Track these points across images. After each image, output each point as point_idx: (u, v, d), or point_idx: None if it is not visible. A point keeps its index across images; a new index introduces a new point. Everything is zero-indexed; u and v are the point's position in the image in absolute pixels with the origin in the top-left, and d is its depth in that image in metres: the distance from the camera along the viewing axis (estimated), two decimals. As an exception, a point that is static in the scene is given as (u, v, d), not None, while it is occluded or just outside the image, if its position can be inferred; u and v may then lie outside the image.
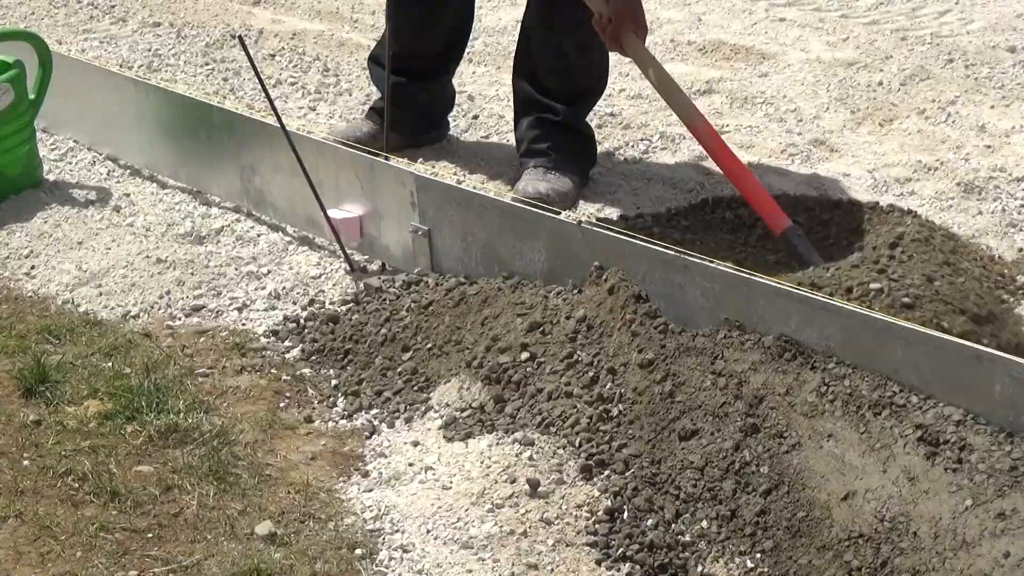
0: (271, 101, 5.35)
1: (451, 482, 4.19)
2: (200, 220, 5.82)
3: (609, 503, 4.05)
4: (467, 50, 6.43)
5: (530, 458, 4.19)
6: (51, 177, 6.26)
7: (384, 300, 4.98)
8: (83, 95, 6.43)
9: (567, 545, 3.94)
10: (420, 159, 5.95)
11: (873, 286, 4.56)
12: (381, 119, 5.95)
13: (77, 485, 4.24)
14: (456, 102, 6.54)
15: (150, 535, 4.04)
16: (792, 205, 5.53)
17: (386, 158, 5.37)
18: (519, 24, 6.01)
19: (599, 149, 6.08)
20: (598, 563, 3.89)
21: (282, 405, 4.67)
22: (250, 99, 6.88)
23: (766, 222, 5.33)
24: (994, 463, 3.90)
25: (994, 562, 3.67)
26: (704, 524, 4.00)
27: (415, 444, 4.40)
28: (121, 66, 7.20)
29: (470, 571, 3.87)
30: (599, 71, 5.91)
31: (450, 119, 6.46)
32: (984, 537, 3.75)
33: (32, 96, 6.15)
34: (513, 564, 3.88)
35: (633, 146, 6.30)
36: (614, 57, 5.76)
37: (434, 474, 4.25)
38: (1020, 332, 4.68)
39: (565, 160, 5.78)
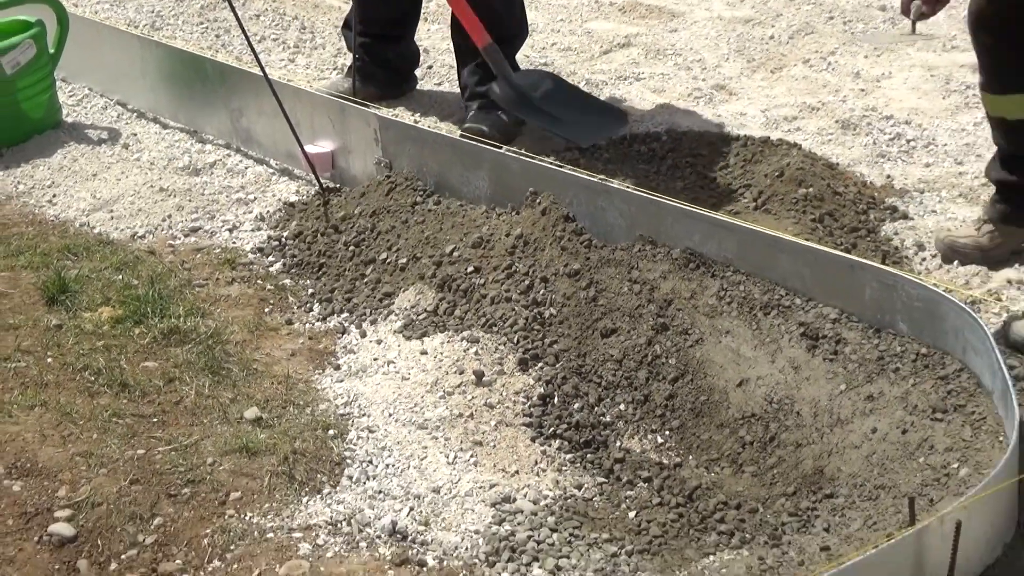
0: (256, 54, 5.32)
1: (409, 374, 4.19)
2: (196, 155, 5.79)
3: (542, 390, 4.05)
4: (422, 10, 6.38)
5: (476, 353, 4.19)
6: (69, 120, 6.21)
7: (351, 222, 4.96)
8: (96, 50, 6.38)
9: (507, 425, 3.95)
10: (384, 103, 5.92)
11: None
12: (357, 75, 6.03)
13: (93, 378, 4.23)
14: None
15: (155, 420, 4.04)
16: (697, 140, 5.53)
17: (357, 103, 5.36)
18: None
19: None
20: (533, 440, 3.90)
21: (266, 310, 4.66)
22: (238, 53, 6.82)
23: (472, 37, 5.46)
24: (864, 354, 3.93)
25: (863, 436, 3.69)
26: (622, 407, 4.01)
27: (379, 342, 4.40)
28: (128, 25, 7.12)
29: (425, 448, 3.87)
30: (520, 18, 5.89)
31: (417, 74, 6.43)
32: (856, 416, 3.77)
33: (51, 51, 6.11)
34: (461, 442, 3.89)
35: (563, 91, 6.28)
36: (546, 14, 5.73)
37: (395, 367, 4.25)
38: (887, 244, 4.69)
39: None
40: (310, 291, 4.77)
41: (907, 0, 4.39)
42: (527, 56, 6.24)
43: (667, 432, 3.94)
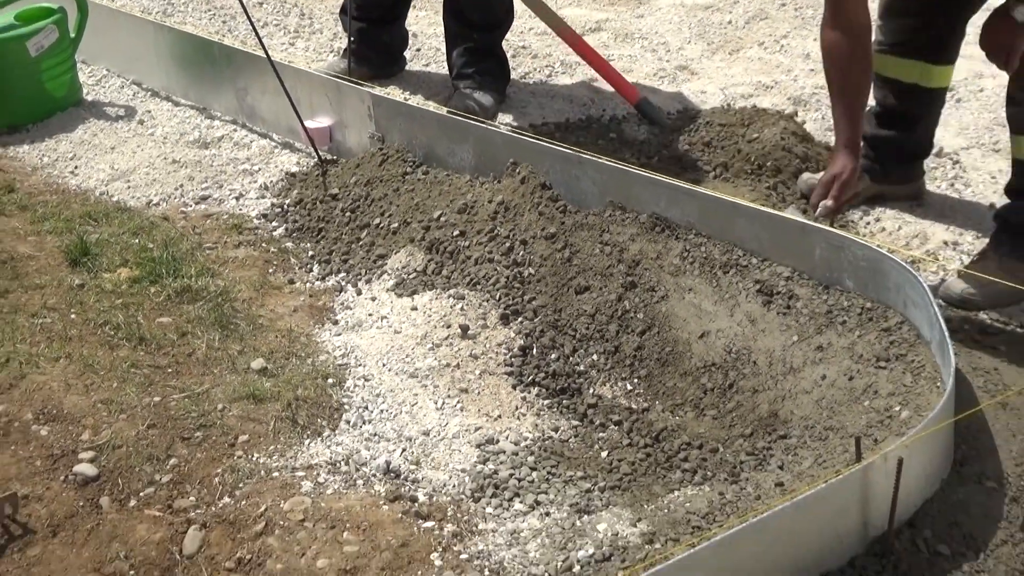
0: (259, 38, 5.30)
1: (401, 328, 4.18)
2: (205, 130, 5.76)
3: (522, 342, 4.05)
4: (412, -2, 6.38)
5: (461, 309, 4.18)
6: (89, 98, 6.18)
7: (348, 190, 4.95)
8: (113, 34, 6.35)
9: (490, 374, 3.95)
10: (376, 82, 5.90)
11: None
12: (353, 56, 6.05)
13: (112, 333, 4.22)
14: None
15: (170, 370, 4.03)
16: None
17: (352, 82, 5.35)
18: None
19: (513, 74, 6.04)
20: (513, 387, 3.90)
21: (270, 271, 4.65)
22: (243, 37, 6.79)
23: (623, 95, 5.41)
24: (814, 308, 3.93)
25: (814, 383, 3.70)
26: (594, 357, 4.01)
27: (373, 299, 4.39)
28: (142, 12, 7.08)
29: (416, 394, 3.87)
30: (508, 5, 5.88)
31: (407, 56, 6.41)
32: (807, 364, 3.78)
33: (72, 35, 6.07)
34: (448, 389, 3.89)
35: (540, 71, 6.26)
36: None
37: (388, 322, 4.24)
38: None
39: (487, 81, 5.77)
40: (310, 253, 4.76)
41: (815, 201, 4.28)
42: (507, 40, 6.22)
43: (636, 380, 3.94)
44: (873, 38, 4.48)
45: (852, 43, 4.14)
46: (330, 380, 3.97)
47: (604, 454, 3.65)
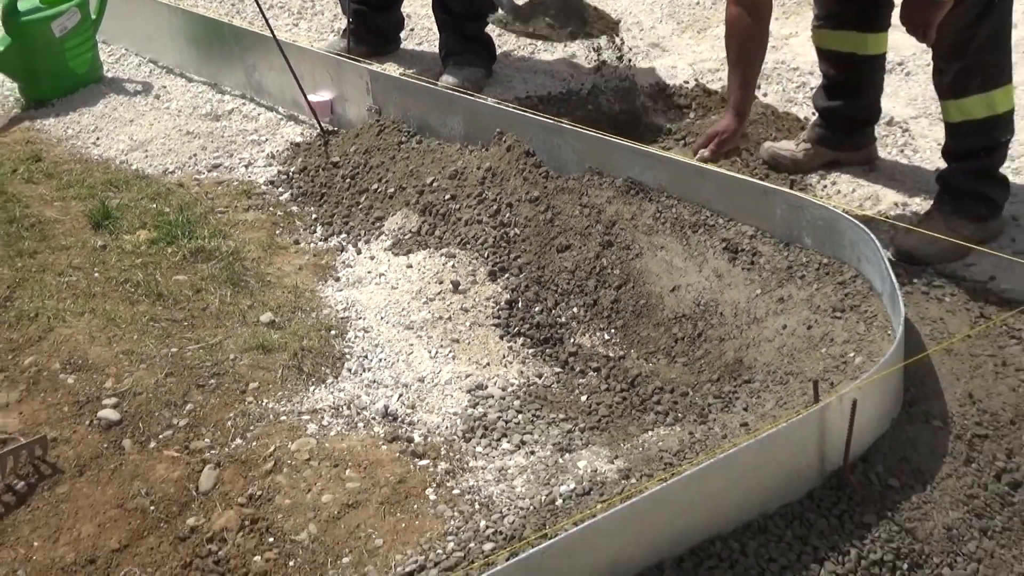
0: (266, 19, 5.30)
1: (397, 284, 4.17)
2: (217, 104, 5.73)
3: (508, 296, 4.03)
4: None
5: (453, 266, 4.17)
6: (109, 75, 6.14)
7: (348, 159, 4.92)
8: (131, 16, 6.31)
9: (479, 326, 3.94)
10: (373, 59, 5.86)
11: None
12: (352, 37, 6.03)
13: (133, 290, 4.21)
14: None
15: (185, 323, 4.02)
16: (631, 90, 5.47)
17: (351, 59, 5.31)
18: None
19: (499, 52, 6.00)
20: (501, 337, 3.89)
21: (277, 232, 4.63)
22: (251, 18, 6.74)
23: None
24: (776, 264, 3.92)
25: (775, 331, 3.70)
26: (575, 310, 4.00)
27: (372, 258, 4.37)
28: (158, -5, 7.05)
29: (411, 344, 3.86)
30: None
31: (401, 36, 6.37)
32: (769, 315, 3.77)
33: (93, 17, 6.04)
34: (441, 339, 3.88)
35: (523, 49, 6.21)
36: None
37: (385, 279, 4.22)
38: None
39: (474, 59, 5.74)
40: (314, 216, 4.73)
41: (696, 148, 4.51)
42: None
43: (612, 330, 3.93)
44: (812, 15, 4.60)
45: (751, 19, 4.23)
46: (333, 332, 3.95)
47: (584, 398, 3.65)
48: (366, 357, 3.83)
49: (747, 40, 4.28)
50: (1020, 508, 3.12)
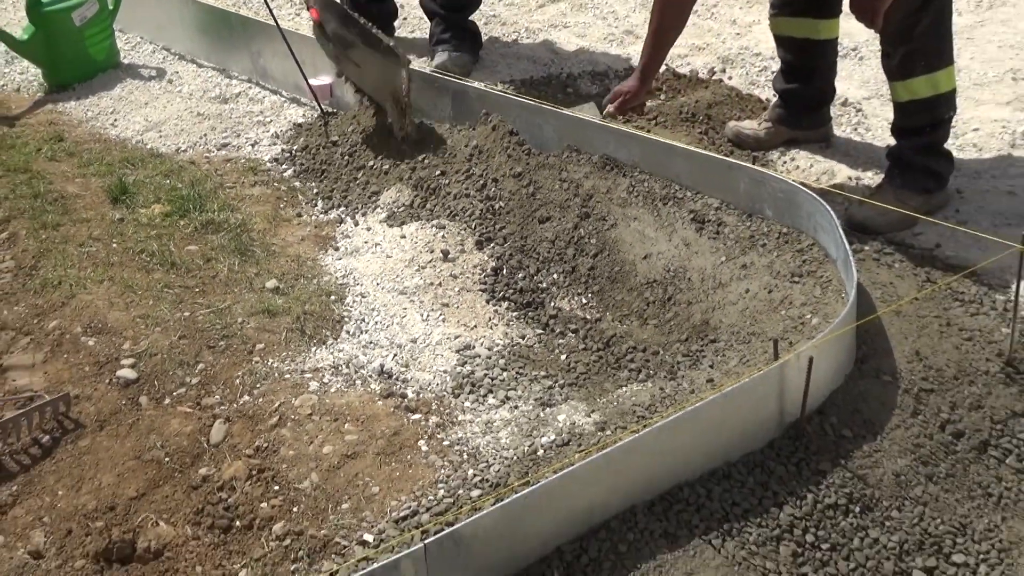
0: (270, 9, 5.27)
1: (392, 253, 4.15)
2: (225, 88, 5.69)
3: (494, 264, 4.02)
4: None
5: (442, 237, 4.15)
6: (126, 61, 6.10)
7: (346, 138, 4.89)
8: (146, 6, 6.26)
9: (467, 291, 3.93)
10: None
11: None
12: None
13: (148, 259, 4.19)
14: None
15: (197, 289, 4.00)
16: (604, 72, 5.44)
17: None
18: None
19: (484, 39, 5.96)
20: (487, 302, 3.88)
21: (281, 206, 4.61)
22: (256, 8, 6.69)
23: None
24: (739, 234, 3.91)
25: (739, 295, 3.69)
26: (555, 276, 3.99)
27: (368, 229, 4.35)
28: (170, -13, 6.99)
29: (405, 308, 3.85)
30: None
31: (395, 25, 6.32)
32: (733, 280, 3.76)
33: (111, 7, 5.99)
34: (432, 303, 3.87)
35: (507, 36, 6.18)
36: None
37: (381, 248, 4.21)
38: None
39: (461, 46, 5.70)
40: (315, 191, 4.71)
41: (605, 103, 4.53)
42: (481, 10, 6.15)
43: (589, 295, 3.92)
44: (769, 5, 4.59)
45: None
46: (332, 297, 3.94)
47: (563, 357, 3.64)
48: (363, 320, 3.82)
49: (666, 11, 4.25)
50: (962, 456, 3.12)
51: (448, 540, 2.64)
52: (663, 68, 5.55)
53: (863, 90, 5.15)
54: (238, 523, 3.07)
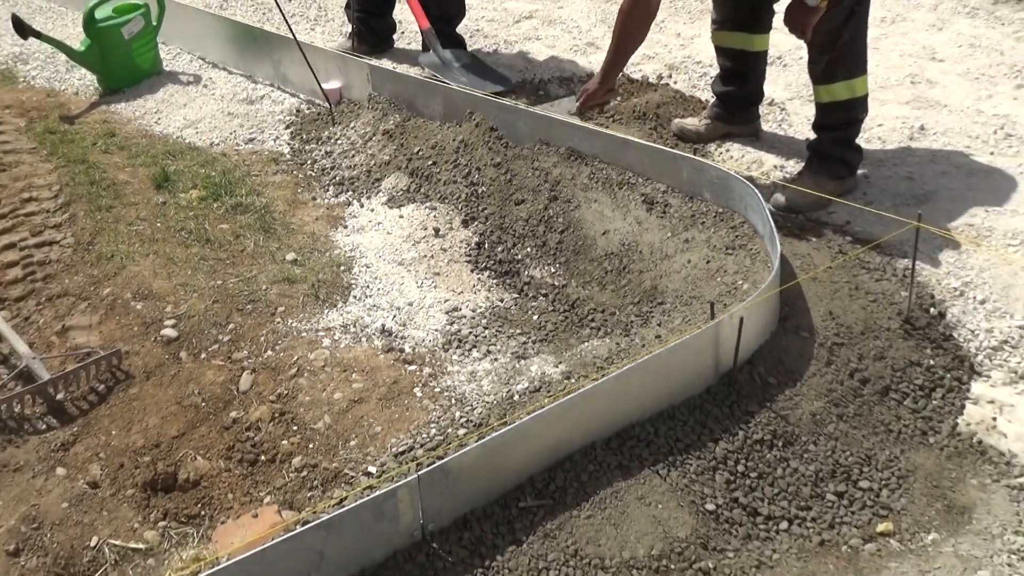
0: (289, 25, 5.20)
1: (392, 230, 4.12)
2: (251, 91, 5.61)
3: (477, 239, 3.99)
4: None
5: (434, 216, 4.12)
6: (167, 69, 6.01)
7: (352, 136, 4.85)
8: (184, 22, 6.17)
9: (455, 262, 3.90)
10: (372, 57, 5.75)
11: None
12: (355, 38, 5.93)
13: (187, 236, 4.15)
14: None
15: (228, 261, 3.97)
16: (570, 77, 5.40)
17: (355, 56, 5.22)
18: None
19: (469, 49, 5.90)
20: (471, 271, 3.85)
21: (299, 191, 4.55)
22: (277, 24, 6.60)
23: (417, 22, 5.45)
24: (683, 213, 3.89)
25: (682, 265, 3.66)
26: (528, 249, 3.96)
27: (372, 211, 4.31)
28: (205, 6, 6.87)
29: (403, 276, 3.82)
30: (460, 3, 5.72)
31: (394, 38, 6.25)
32: (677, 252, 3.74)
33: (155, 23, 5.90)
34: (425, 273, 3.84)
35: (488, 47, 6.11)
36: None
37: (383, 226, 4.17)
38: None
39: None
40: (326, 179, 4.67)
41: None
42: (465, 26, 6.08)
43: (557, 265, 3.90)
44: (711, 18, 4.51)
45: (636, 5, 4.07)
46: (342, 268, 3.90)
47: (535, 317, 3.62)
48: (368, 287, 3.79)
49: (629, 21, 4.12)
50: (868, 399, 3.12)
51: (438, 471, 2.63)
52: (622, 74, 5.51)
53: (787, 92, 5.12)
54: (263, 457, 3.05)
